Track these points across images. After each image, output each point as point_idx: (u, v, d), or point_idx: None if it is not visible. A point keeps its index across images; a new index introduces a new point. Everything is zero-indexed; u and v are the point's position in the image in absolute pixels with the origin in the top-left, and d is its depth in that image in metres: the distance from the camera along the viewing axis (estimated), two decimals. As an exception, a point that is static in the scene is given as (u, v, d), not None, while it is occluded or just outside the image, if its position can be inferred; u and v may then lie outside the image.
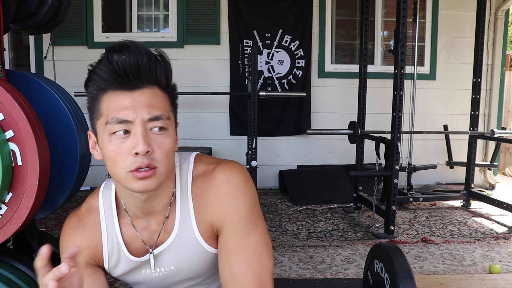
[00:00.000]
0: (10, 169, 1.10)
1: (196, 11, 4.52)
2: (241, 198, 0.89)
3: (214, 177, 0.90)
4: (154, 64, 0.81)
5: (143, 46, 0.81)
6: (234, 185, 0.89)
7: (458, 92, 4.74)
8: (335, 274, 2.55)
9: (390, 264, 1.37)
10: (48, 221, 3.45)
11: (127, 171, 0.79)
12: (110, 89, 0.80)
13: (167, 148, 0.82)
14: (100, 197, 0.97)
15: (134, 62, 0.78)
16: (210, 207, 0.90)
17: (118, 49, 0.79)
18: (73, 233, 0.96)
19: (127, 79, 0.79)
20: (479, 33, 3.84)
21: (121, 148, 0.79)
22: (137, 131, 0.78)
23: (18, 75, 1.38)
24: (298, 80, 4.63)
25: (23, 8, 1.37)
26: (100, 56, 0.81)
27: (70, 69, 4.35)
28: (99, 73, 0.80)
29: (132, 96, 0.79)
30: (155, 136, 0.80)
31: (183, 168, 0.94)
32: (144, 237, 0.93)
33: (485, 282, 2.43)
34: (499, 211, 3.80)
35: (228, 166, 0.92)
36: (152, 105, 0.80)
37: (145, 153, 0.78)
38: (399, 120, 3.20)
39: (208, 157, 0.98)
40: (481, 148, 4.87)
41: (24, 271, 1.28)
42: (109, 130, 0.79)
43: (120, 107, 0.79)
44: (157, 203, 0.90)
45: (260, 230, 0.91)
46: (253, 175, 3.69)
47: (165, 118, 0.81)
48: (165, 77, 0.83)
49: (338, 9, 4.72)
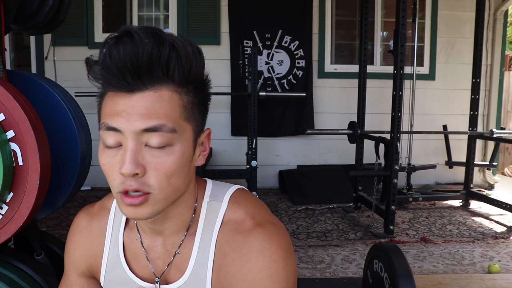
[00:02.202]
0: (11, 169, 1.11)
1: (196, 11, 4.52)
2: (276, 279, 0.68)
3: (247, 242, 0.70)
4: (165, 55, 0.62)
5: (152, 31, 0.62)
6: (270, 262, 0.68)
7: (457, 92, 4.75)
8: (335, 274, 2.56)
9: (390, 263, 1.37)
10: (49, 220, 3.45)
11: (116, 191, 0.65)
12: (109, 88, 0.65)
13: (168, 170, 0.64)
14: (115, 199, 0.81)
15: (132, 56, 0.60)
16: (233, 276, 0.70)
17: (116, 38, 0.62)
18: (77, 233, 0.84)
19: (123, 79, 0.62)
20: (478, 33, 3.85)
21: (111, 163, 0.64)
22: (127, 145, 0.62)
23: (19, 75, 1.38)
24: (298, 80, 4.63)
25: (24, 9, 1.38)
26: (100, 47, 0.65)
27: (71, 70, 4.35)
28: (94, 69, 0.65)
29: (129, 100, 0.62)
30: (152, 153, 0.63)
31: (212, 207, 0.75)
32: (150, 258, 0.78)
33: (484, 281, 2.44)
34: (498, 211, 3.81)
35: (269, 233, 0.71)
36: (151, 113, 0.62)
37: (131, 175, 0.62)
38: (398, 120, 3.21)
39: (248, 200, 0.77)
40: (480, 148, 4.88)
41: (25, 270, 1.28)
42: (102, 139, 0.65)
43: (112, 111, 0.63)
44: (167, 227, 0.74)
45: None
46: (253, 175, 3.70)
47: (167, 131, 0.63)
48: (182, 71, 0.64)
49: (338, 10, 4.73)
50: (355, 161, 3.96)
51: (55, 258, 1.46)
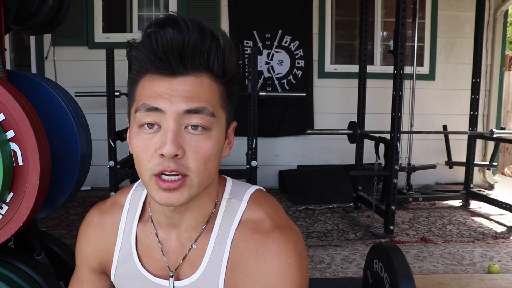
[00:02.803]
0: (11, 169, 1.11)
1: (196, 11, 4.52)
2: (289, 283, 0.68)
3: (264, 243, 0.70)
4: (207, 46, 0.65)
5: (196, 22, 0.65)
6: (285, 265, 0.69)
7: (457, 92, 4.75)
8: (335, 274, 2.56)
9: (390, 263, 1.37)
10: (49, 220, 3.45)
11: (151, 174, 0.64)
12: (148, 72, 0.66)
13: (206, 154, 0.65)
14: (130, 194, 0.83)
15: (178, 42, 0.63)
16: (246, 276, 0.70)
17: (162, 24, 0.64)
18: (89, 229, 0.84)
19: (167, 62, 0.64)
20: (478, 33, 3.85)
21: (147, 145, 0.64)
22: (168, 126, 0.63)
23: (19, 75, 1.38)
24: (298, 80, 4.63)
25: (24, 9, 1.38)
26: (143, 31, 0.67)
27: (71, 70, 4.36)
28: (135, 53, 0.66)
29: (170, 83, 0.64)
30: (191, 137, 0.65)
31: (231, 205, 0.76)
32: (164, 251, 0.78)
33: (484, 281, 2.44)
34: (498, 211, 3.81)
35: (286, 236, 0.71)
36: (193, 96, 0.64)
37: (172, 156, 0.63)
38: (398, 120, 3.21)
39: (267, 201, 0.78)
40: (480, 148, 4.88)
41: (25, 270, 1.28)
42: (138, 121, 0.65)
43: (153, 93, 0.65)
44: (186, 220, 0.74)
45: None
46: (253, 175, 3.70)
47: (207, 114, 0.65)
48: (221, 63, 0.67)
49: (338, 10, 4.73)
50: (355, 161, 3.96)
51: (55, 258, 1.46)
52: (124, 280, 0.80)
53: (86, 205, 3.91)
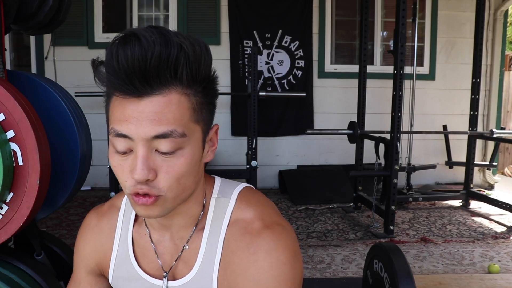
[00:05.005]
0: (11, 169, 1.11)
1: (196, 11, 4.52)
2: (282, 280, 0.68)
3: (254, 241, 0.70)
4: (173, 56, 0.60)
5: (160, 32, 0.61)
6: (276, 262, 0.69)
7: (457, 92, 4.75)
8: (335, 274, 2.56)
9: (390, 263, 1.37)
10: (49, 220, 3.45)
11: (128, 192, 0.66)
12: (116, 91, 0.63)
13: (178, 172, 0.65)
14: (125, 197, 0.84)
15: (140, 59, 0.59)
16: (239, 275, 0.70)
17: (123, 41, 0.60)
18: (87, 231, 0.86)
19: (131, 85, 0.60)
20: (478, 33, 3.85)
21: (122, 166, 0.65)
22: (138, 151, 0.62)
23: (19, 75, 1.38)
24: (298, 81, 4.63)
25: (24, 9, 1.38)
26: (106, 48, 0.63)
27: (71, 70, 4.36)
28: (100, 73, 0.63)
29: (137, 105, 0.61)
30: (163, 158, 0.64)
31: (220, 203, 0.76)
32: (158, 252, 0.79)
33: (484, 281, 2.44)
34: (498, 211, 3.81)
35: (276, 234, 0.71)
36: (160, 118, 0.61)
37: (143, 181, 0.63)
38: (398, 120, 3.21)
39: (256, 199, 0.78)
40: (480, 148, 4.88)
41: (25, 270, 1.28)
42: (112, 143, 0.65)
43: (121, 116, 0.63)
44: (175, 222, 0.75)
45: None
46: (253, 175, 3.70)
47: (177, 136, 0.63)
48: (190, 73, 0.63)
49: (337, 10, 4.73)
50: (355, 161, 3.96)
51: (55, 258, 1.46)
52: (122, 282, 0.81)
53: (86, 205, 3.91)
